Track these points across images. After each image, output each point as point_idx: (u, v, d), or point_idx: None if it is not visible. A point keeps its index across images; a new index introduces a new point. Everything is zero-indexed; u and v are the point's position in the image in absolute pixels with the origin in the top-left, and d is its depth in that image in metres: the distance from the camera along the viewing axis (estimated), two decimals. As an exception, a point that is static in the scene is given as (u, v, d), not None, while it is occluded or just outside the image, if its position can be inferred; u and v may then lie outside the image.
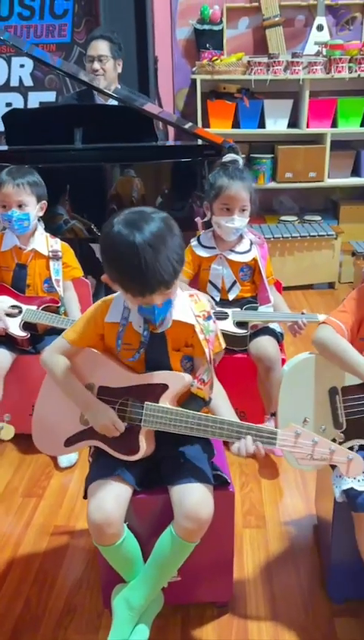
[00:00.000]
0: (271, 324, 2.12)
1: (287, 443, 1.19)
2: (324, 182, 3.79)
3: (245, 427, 1.22)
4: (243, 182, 2.00)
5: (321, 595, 1.52)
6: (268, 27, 3.70)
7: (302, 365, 1.37)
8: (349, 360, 1.30)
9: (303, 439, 1.18)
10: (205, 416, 1.25)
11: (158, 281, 1.15)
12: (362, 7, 3.74)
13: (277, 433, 1.21)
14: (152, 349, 1.31)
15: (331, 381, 1.35)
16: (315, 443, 1.17)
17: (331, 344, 1.32)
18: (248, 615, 1.48)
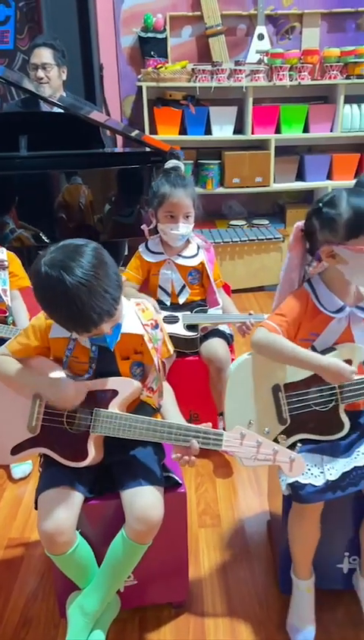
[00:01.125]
0: (220, 326, 2.17)
1: (233, 444, 1.22)
2: (270, 187, 3.89)
3: (192, 430, 1.24)
4: (186, 189, 2.04)
5: (274, 588, 1.57)
6: (210, 36, 3.78)
7: (244, 365, 1.41)
8: (287, 352, 1.34)
9: (248, 440, 1.21)
10: (155, 421, 1.27)
11: (99, 315, 1.16)
12: (300, 18, 3.87)
13: (223, 435, 1.23)
14: (101, 361, 1.33)
15: (274, 379, 1.39)
16: (260, 444, 1.21)
17: (266, 343, 1.36)
18: (204, 613, 1.51)
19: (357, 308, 1.40)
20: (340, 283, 1.39)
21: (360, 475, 1.32)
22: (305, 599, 1.43)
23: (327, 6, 3.86)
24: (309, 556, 1.42)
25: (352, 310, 1.39)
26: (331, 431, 1.39)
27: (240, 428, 1.22)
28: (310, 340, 1.41)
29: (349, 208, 1.29)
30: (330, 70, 3.68)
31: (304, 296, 1.42)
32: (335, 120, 3.81)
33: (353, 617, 1.47)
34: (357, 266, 1.32)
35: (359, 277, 1.34)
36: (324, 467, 1.33)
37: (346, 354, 1.36)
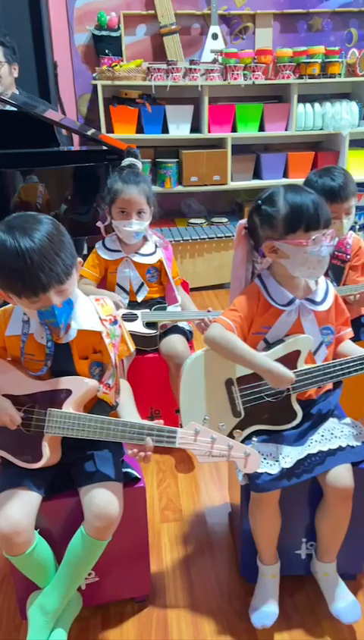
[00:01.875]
0: (179, 322, 2.18)
1: (187, 441, 1.23)
2: (228, 185, 3.93)
3: (146, 427, 1.25)
4: (138, 186, 2.04)
5: (236, 578, 1.60)
6: (165, 35, 3.79)
7: (197, 361, 1.43)
8: (237, 352, 1.37)
9: (202, 436, 1.22)
10: (108, 419, 1.26)
11: (49, 277, 1.16)
12: (253, 18, 3.93)
13: (177, 432, 1.24)
14: (58, 359, 1.32)
15: (227, 373, 1.42)
16: (214, 440, 1.21)
17: (219, 340, 1.38)
18: (167, 606, 1.52)
19: (306, 300, 1.44)
20: (287, 277, 1.42)
21: (314, 462, 1.36)
22: (270, 584, 1.46)
23: (279, 7, 3.93)
24: (272, 543, 1.45)
25: (301, 303, 1.43)
26: (284, 421, 1.42)
27: (194, 425, 1.23)
28: (262, 334, 1.44)
29: (286, 204, 1.34)
30: (283, 69, 3.75)
31: (255, 292, 1.45)
32: (289, 119, 3.88)
33: (312, 602, 1.51)
34: (298, 259, 1.36)
35: (301, 270, 1.38)
36: (279, 456, 1.37)
37: (294, 345, 1.39)
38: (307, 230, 1.33)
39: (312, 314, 1.44)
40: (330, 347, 1.50)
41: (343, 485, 1.34)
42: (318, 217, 1.33)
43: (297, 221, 1.33)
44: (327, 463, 1.35)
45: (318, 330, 1.45)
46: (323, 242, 1.34)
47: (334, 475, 1.35)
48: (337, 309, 1.52)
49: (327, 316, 1.48)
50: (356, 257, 2.09)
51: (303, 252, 1.34)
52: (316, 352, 1.46)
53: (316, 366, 1.41)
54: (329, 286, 1.51)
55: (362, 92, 4.01)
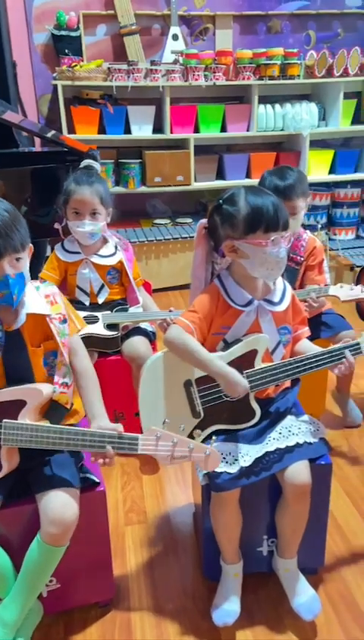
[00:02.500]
0: (142, 323, 2.18)
1: (149, 447, 1.23)
2: (191, 185, 3.94)
3: (106, 436, 1.24)
4: (91, 186, 2.03)
5: (200, 577, 1.60)
6: (125, 35, 3.78)
7: (156, 363, 1.43)
8: (194, 355, 1.38)
9: (164, 441, 1.22)
10: (67, 429, 1.24)
11: (5, 243, 1.21)
12: (213, 19, 3.95)
13: (139, 439, 1.24)
14: (10, 350, 1.30)
15: (186, 375, 1.42)
16: (175, 443, 1.22)
17: (177, 342, 1.39)
18: (131, 609, 1.52)
19: (264, 301, 1.46)
20: (246, 278, 1.44)
21: (272, 460, 1.38)
22: (232, 583, 1.47)
23: (238, 9, 3.96)
24: (234, 541, 1.46)
25: (260, 303, 1.44)
26: (243, 420, 1.44)
27: (155, 430, 1.23)
28: (222, 334, 1.45)
29: (246, 204, 1.35)
30: (243, 71, 3.78)
31: (215, 292, 1.46)
32: (251, 120, 3.92)
33: (274, 599, 1.52)
34: (257, 259, 1.37)
35: (259, 271, 1.39)
36: (238, 454, 1.38)
37: (251, 345, 1.41)
38: (266, 231, 1.35)
39: (270, 314, 1.46)
40: (287, 347, 1.52)
41: (301, 482, 1.36)
42: (277, 218, 1.36)
43: (257, 221, 1.35)
44: (284, 460, 1.37)
45: (275, 330, 1.47)
46: (281, 243, 1.37)
47: (291, 471, 1.37)
48: (294, 309, 1.54)
49: (285, 316, 1.50)
50: (311, 257, 2.13)
51: (262, 252, 1.36)
52: (274, 351, 1.48)
53: (273, 365, 1.43)
54: (286, 286, 1.53)
55: (321, 93, 4.08)
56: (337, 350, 1.42)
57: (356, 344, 1.43)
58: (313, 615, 1.42)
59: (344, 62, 3.81)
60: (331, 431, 2.24)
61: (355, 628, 1.45)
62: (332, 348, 1.43)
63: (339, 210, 4.31)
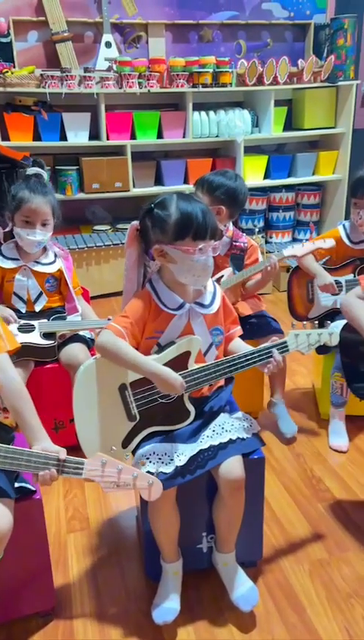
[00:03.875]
0: (80, 331, 2.18)
1: (95, 473, 1.24)
2: (130, 191, 3.96)
3: (52, 459, 1.24)
4: (45, 196, 2.04)
5: (143, 579, 1.62)
6: (57, 42, 3.77)
7: (89, 370, 1.43)
8: (126, 358, 1.39)
9: (109, 467, 1.23)
10: (12, 449, 1.23)
11: None
12: (146, 27, 4.00)
13: (84, 463, 1.24)
14: None
15: (120, 379, 1.44)
16: (120, 470, 1.23)
17: (108, 346, 1.41)
18: (74, 616, 1.51)
19: (196, 304, 1.49)
20: (176, 282, 1.46)
21: (207, 457, 1.42)
22: (172, 581, 1.50)
23: (170, 17, 4.03)
24: (172, 540, 1.49)
25: (191, 306, 1.48)
26: (178, 421, 1.46)
27: (100, 456, 1.24)
28: (155, 338, 1.47)
29: (177, 210, 1.38)
30: (177, 78, 3.85)
31: (146, 297, 1.48)
32: (186, 126, 3.99)
33: (215, 594, 1.56)
34: (184, 266, 1.41)
35: (186, 277, 1.43)
36: (173, 454, 1.40)
37: (184, 347, 1.44)
38: (195, 239, 1.38)
39: (201, 317, 1.49)
40: (220, 347, 1.56)
41: (235, 476, 1.41)
42: (205, 227, 1.39)
43: (186, 228, 1.38)
44: (218, 457, 1.41)
45: (207, 332, 1.51)
46: (209, 252, 1.40)
47: (225, 467, 1.41)
48: (225, 310, 1.59)
49: (216, 318, 1.54)
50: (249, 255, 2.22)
51: (190, 259, 1.39)
52: (206, 353, 1.51)
53: (206, 366, 1.46)
54: (217, 289, 1.57)
55: (253, 101, 4.21)
56: (265, 349, 1.47)
57: (283, 343, 1.49)
58: (251, 605, 1.46)
59: (274, 71, 3.95)
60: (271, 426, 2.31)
61: (293, 615, 1.50)
62: (261, 347, 1.48)
63: (275, 214, 4.45)
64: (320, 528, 1.79)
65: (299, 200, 4.49)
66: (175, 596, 1.48)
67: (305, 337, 1.50)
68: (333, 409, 2.26)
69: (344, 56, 4.12)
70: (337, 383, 2.20)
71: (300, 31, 4.37)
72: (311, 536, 1.76)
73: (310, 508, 1.88)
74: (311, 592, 1.57)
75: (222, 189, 2.11)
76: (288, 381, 2.73)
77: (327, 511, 1.87)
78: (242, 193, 2.13)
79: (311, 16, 4.32)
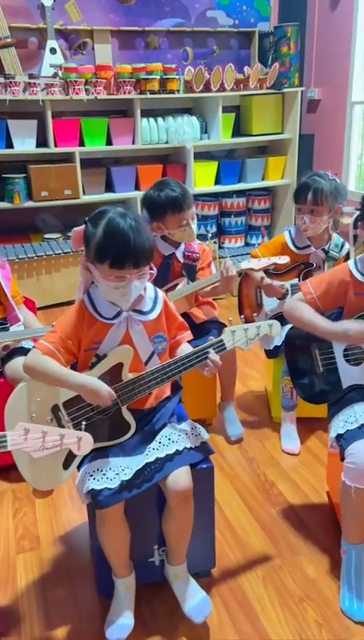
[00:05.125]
0: (24, 342, 2.12)
1: (18, 441, 1.18)
2: (80, 199, 3.91)
3: None
4: None
5: (95, 597, 1.58)
6: (0, 48, 3.69)
7: (19, 394, 1.39)
8: (52, 375, 1.36)
9: (33, 433, 1.19)
10: None
11: None
12: (91, 34, 3.97)
13: (6, 435, 1.18)
14: None
15: (52, 400, 1.39)
16: (45, 433, 1.19)
17: (35, 366, 1.37)
18: (22, 638, 1.46)
19: (134, 311, 1.47)
20: None
21: (153, 469, 1.39)
22: (125, 597, 1.47)
23: (116, 24, 4.01)
24: (123, 555, 1.46)
25: (129, 314, 1.45)
26: (119, 435, 1.44)
27: (22, 424, 1.19)
28: (94, 349, 1.44)
29: (102, 231, 1.33)
30: (124, 85, 3.83)
31: (80, 308, 1.45)
32: (135, 133, 3.98)
33: (169, 607, 1.54)
34: (103, 289, 1.39)
35: (107, 297, 1.41)
36: (118, 469, 1.38)
37: (116, 358, 1.41)
38: (112, 267, 1.33)
39: (141, 325, 1.47)
40: (163, 355, 1.54)
41: (182, 487, 1.39)
42: (125, 255, 1.31)
43: (105, 253, 1.32)
44: (165, 469, 1.39)
45: (148, 341, 1.49)
46: (132, 281, 1.35)
47: (172, 478, 1.39)
48: (169, 316, 1.56)
49: (157, 325, 1.51)
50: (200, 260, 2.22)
51: (106, 284, 1.36)
52: (148, 362, 1.49)
53: (140, 375, 1.42)
54: (158, 294, 1.54)
55: (201, 107, 4.23)
56: (201, 350, 1.43)
57: (220, 341, 1.44)
58: (204, 616, 1.45)
59: (220, 78, 3.99)
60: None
61: (246, 624, 1.50)
62: (197, 348, 1.44)
63: (227, 219, 4.49)
64: (273, 533, 1.80)
65: (250, 205, 4.55)
66: (128, 612, 1.46)
67: (243, 332, 1.45)
68: (284, 413, 2.29)
69: (288, 63, 4.20)
70: (287, 387, 2.23)
71: (245, 39, 4.43)
72: (264, 541, 1.77)
73: (263, 513, 1.89)
74: (264, 599, 1.57)
75: (158, 203, 2.08)
76: (242, 385, 2.76)
77: (280, 515, 1.88)
78: (182, 199, 2.08)
79: (255, 24, 4.39)
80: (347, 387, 1.62)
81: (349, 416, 1.53)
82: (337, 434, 1.53)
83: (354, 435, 1.48)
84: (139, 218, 1.39)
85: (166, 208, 2.08)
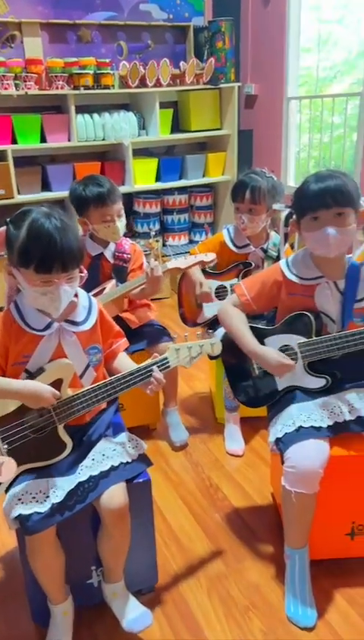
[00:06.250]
0: None
1: None
2: (15, 199, 3.74)
3: None
4: None
5: (30, 626, 1.49)
6: None
7: None
8: None
9: None
10: None
11: None
12: (19, 26, 3.80)
13: None
14: None
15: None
16: None
17: None
18: None
19: (66, 322, 1.39)
20: None
21: (87, 489, 1.32)
22: (62, 623, 1.40)
23: (45, 16, 3.86)
24: (58, 581, 1.39)
25: (61, 325, 1.37)
26: (54, 454, 1.36)
27: None
28: (23, 364, 1.35)
29: (25, 232, 1.23)
30: (56, 80, 3.69)
31: (8, 319, 1.36)
32: (70, 129, 3.85)
33: (109, 628, 1.47)
34: (29, 295, 1.29)
35: (35, 304, 1.32)
36: (49, 491, 1.30)
37: (55, 373, 1.34)
38: (38, 271, 1.24)
39: (74, 336, 1.39)
40: (98, 367, 1.47)
41: (117, 505, 1.33)
42: (52, 258, 1.22)
43: (29, 257, 1.22)
44: (99, 487, 1.33)
45: (82, 353, 1.41)
46: (61, 285, 1.27)
47: (106, 496, 1.32)
48: (104, 325, 1.49)
49: (92, 335, 1.44)
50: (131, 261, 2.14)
51: (33, 290, 1.27)
52: (83, 375, 1.42)
53: (82, 392, 1.35)
54: (92, 302, 1.47)
55: (138, 103, 4.15)
56: (145, 368, 1.38)
57: (164, 359, 1.40)
58: (143, 626, 1.39)
59: (156, 73, 3.91)
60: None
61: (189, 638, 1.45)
62: (141, 366, 1.39)
63: (170, 216, 4.43)
64: (217, 540, 1.76)
65: (193, 202, 4.51)
66: (67, 638, 1.38)
67: (187, 351, 1.43)
68: (227, 414, 2.26)
69: (224, 59, 4.18)
70: (229, 388, 2.19)
71: (180, 33, 4.37)
72: (209, 550, 1.73)
73: (208, 519, 1.85)
74: (209, 610, 1.53)
75: (82, 197, 2.01)
76: (186, 386, 2.72)
77: (225, 520, 1.85)
78: (106, 194, 2.00)
79: (189, 18, 4.34)
80: (283, 389, 1.59)
81: (286, 419, 1.50)
82: (276, 438, 1.51)
83: (292, 438, 1.46)
84: (65, 217, 1.31)
85: (89, 202, 2.00)
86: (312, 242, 1.47)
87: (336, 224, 1.42)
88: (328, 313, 1.53)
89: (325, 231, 1.42)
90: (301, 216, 1.47)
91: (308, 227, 1.46)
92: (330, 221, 1.42)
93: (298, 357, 1.53)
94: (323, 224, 1.42)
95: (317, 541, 1.54)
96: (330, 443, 1.47)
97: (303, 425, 1.46)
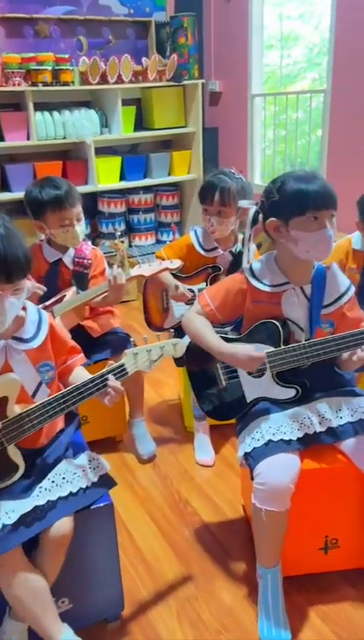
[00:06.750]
0: None
1: None
2: (-28, 200, 3.60)
3: None
4: None
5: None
6: None
7: None
8: None
9: None
10: None
11: None
12: (-28, 20, 3.64)
13: None
14: None
15: None
16: None
17: None
18: None
19: (13, 339, 1.29)
20: None
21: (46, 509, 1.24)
22: None
23: (0, 10, 3.70)
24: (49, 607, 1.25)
25: (7, 343, 1.28)
26: (4, 477, 1.26)
27: None
28: (-32, 383, 1.25)
29: None
30: (13, 76, 3.54)
31: None
32: (29, 128, 3.70)
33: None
34: None
35: None
36: (1, 512, 1.20)
37: (0, 391, 1.23)
38: None
39: (22, 354, 1.30)
40: (53, 384, 1.38)
41: (61, 534, 1.24)
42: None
43: None
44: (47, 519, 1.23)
45: (33, 370, 1.32)
46: (6, 298, 1.18)
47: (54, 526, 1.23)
48: (56, 341, 1.40)
49: (43, 352, 1.35)
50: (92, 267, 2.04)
51: None
52: (35, 394, 1.33)
53: (31, 408, 1.26)
54: (42, 316, 1.38)
55: (100, 100, 4.03)
56: (100, 377, 1.30)
57: (121, 366, 1.32)
58: None
59: (117, 69, 3.80)
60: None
61: (160, 667, 1.38)
62: (95, 375, 1.31)
63: (136, 216, 4.33)
64: (187, 559, 1.69)
65: (159, 201, 4.42)
66: None
67: (146, 354, 1.33)
68: (196, 423, 2.18)
69: (187, 55, 4.09)
70: (196, 397, 2.12)
71: (142, 29, 4.27)
72: (178, 571, 1.65)
73: (177, 537, 1.77)
74: (178, 636, 1.45)
75: (38, 199, 1.90)
76: (154, 393, 2.63)
77: (195, 537, 1.77)
78: (64, 196, 1.90)
79: (151, 13, 4.23)
80: (252, 401, 1.52)
81: (255, 433, 1.43)
82: (245, 453, 1.43)
83: (261, 453, 1.39)
84: (10, 223, 1.21)
85: (46, 206, 1.89)
86: (309, 243, 1.37)
87: (330, 225, 1.36)
88: (296, 320, 1.46)
89: (327, 232, 1.36)
90: (294, 216, 1.37)
91: (306, 227, 1.36)
92: (327, 222, 1.36)
93: (266, 367, 1.46)
94: (323, 225, 1.36)
95: (290, 556, 1.48)
96: (300, 456, 1.41)
97: (272, 439, 1.39)
